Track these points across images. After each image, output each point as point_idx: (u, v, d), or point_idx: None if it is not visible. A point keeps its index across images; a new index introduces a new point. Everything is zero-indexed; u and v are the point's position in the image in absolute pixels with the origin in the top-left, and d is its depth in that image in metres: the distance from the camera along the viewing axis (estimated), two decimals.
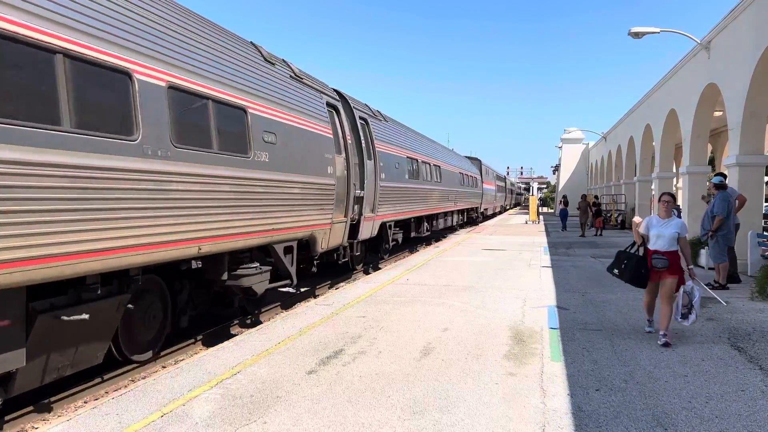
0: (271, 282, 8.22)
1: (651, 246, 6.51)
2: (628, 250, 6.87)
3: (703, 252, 12.21)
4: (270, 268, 8.19)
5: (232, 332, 8.43)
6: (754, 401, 4.60)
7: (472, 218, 32.27)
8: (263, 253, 8.46)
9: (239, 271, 7.53)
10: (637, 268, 6.57)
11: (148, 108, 5.50)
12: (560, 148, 51.88)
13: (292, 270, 8.83)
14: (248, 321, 8.90)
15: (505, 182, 60.13)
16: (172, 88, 5.91)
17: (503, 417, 4.30)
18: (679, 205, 19.93)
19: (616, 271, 6.87)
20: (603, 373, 5.30)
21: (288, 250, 8.74)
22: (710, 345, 6.25)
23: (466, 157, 34.87)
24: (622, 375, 5.26)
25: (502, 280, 10.93)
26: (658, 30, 14.99)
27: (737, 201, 10.12)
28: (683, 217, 16.50)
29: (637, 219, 6.93)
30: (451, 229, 27.48)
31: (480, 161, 36.03)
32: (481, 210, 34.97)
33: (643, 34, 15.16)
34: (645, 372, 5.34)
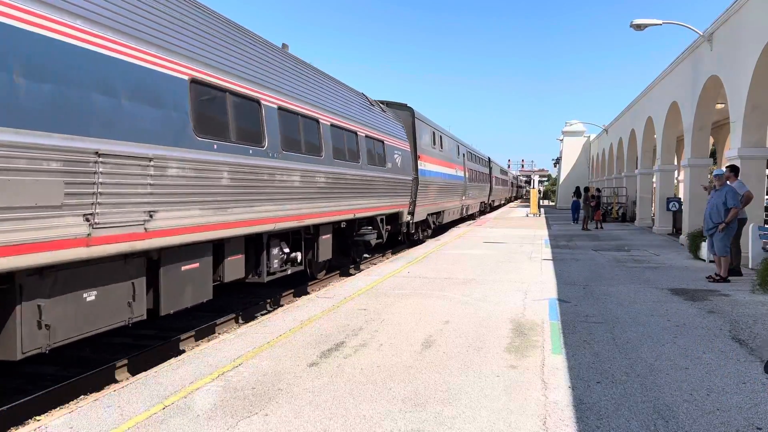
0: None
1: None
2: None
3: (704, 245, 12.20)
4: None
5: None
6: (755, 394, 4.60)
7: (367, 244, 13.08)
8: None
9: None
10: None
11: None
12: (561, 140, 51.76)
13: None
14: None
15: (490, 167, 39.58)
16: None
17: (504, 409, 4.30)
18: (680, 198, 19.93)
19: None
20: (604, 366, 5.30)
21: None
22: (711, 338, 6.25)
23: (380, 102, 15.83)
24: (623, 367, 5.26)
25: (504, 272, 10.93)
26: (660, 22, 14.91)
27: (744, 196, 10.10)
28: (684, 211, 16.47)
29: None
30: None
31: (413, 112, 17.28)
32: (415, 217, 16.67)
33: (645, 26, 15.07)
34: (646, 364, 5.34)
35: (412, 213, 16.33)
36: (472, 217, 31.10)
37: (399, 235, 16.20)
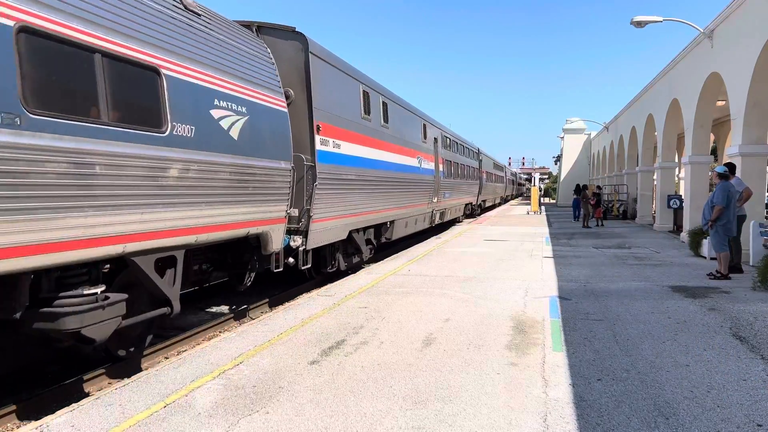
0: None
1: None
2: None
3: (705, 242, 12.20)
4: None
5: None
6: (755, 391, 4.60)
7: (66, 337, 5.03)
8: None
9: None
10: None
11: None
12: (562, 138, 51.78)
13: None
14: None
15: (480, 159, 31.72)
16: None
17: (505, 407, 4.31)
18: (680, 195, 19.92)
19: None
20: (605, 363, 5.31)
21: None
22: (712, 335, 6.25)
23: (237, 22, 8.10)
24: (623, 365, 5.26)
25: (504, 270, 10.93)
26: (660, 19, 14.88)
27: (743, 193, 10.10)
28: (685, 208, 16.47)
29: None
30: None
31: (305, 43, 8.89)
32: (312, 239, 9.08)
33: (646, 23, 15.05)
34: (647, 362, 5.34)
35: (304, 232, 9.03)
36: (453, 222, 24.63)
37: (296, 267, 9.09)
